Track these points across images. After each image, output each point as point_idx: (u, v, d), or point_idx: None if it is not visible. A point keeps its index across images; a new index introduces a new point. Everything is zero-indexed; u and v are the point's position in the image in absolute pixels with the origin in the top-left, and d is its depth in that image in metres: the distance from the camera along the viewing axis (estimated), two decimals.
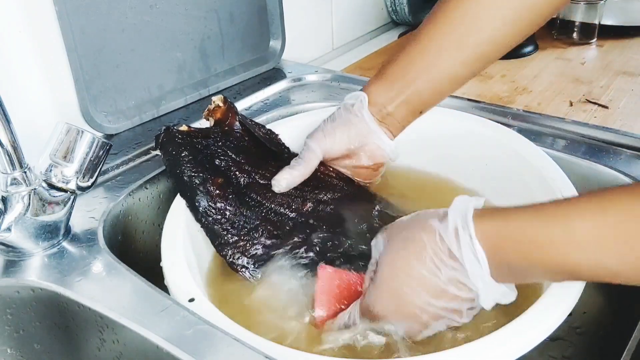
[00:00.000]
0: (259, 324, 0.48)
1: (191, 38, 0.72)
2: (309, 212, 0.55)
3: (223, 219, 0.52)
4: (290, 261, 0.52)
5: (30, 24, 0.57)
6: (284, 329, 0.48)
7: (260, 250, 0.52)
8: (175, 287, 0.44)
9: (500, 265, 0.38)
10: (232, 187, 0.54)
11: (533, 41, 0.96)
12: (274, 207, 0.54)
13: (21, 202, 0.47)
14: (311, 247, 0.52)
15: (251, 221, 0.53)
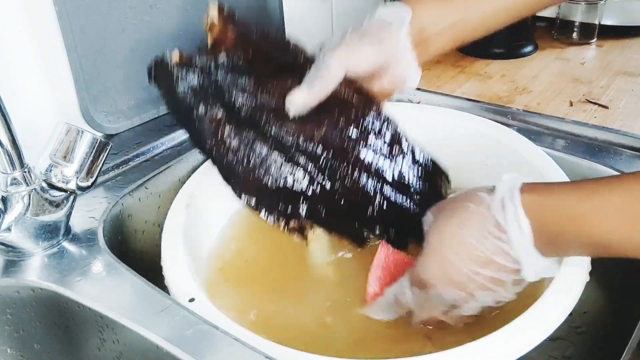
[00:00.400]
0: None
1: (191, 38, 0.72)
2: (326, 140, 0.48)
3: (230, 154, 0.47)
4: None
5: (30, 24, 0.57)
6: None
7: (272, 183, 0.47)
8: (175, 287, 0.44)
9: (542, 236, 0.39)
10: (236, 118, 0.47)
11: (533, 41, 0.96)
12: (286, 135, 0.47)
13: (21, 202, 0.47)
14: (326, 180, 0.47)
15: (260, 153, 0.47)
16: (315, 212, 0.48)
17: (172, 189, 0.61)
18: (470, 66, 0.90)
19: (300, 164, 0.47)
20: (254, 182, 0.46)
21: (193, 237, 0.52)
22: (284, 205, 0.47)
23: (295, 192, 0.47)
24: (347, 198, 0.47)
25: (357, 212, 0.48)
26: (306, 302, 0.54)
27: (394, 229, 0.50)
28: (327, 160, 0.47)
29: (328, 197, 0.47)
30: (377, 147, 0.49)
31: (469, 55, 0.94)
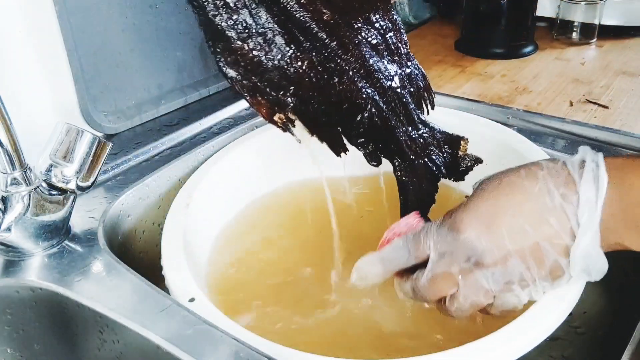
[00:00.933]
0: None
1: (191, 38, 0.72)
2: (335, 27, 0.44)
3: (225, 11, 0.41)
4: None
5: (30, 24, 0.57)
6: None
7: (265, 60, 0.42)
8: (175, 287, 0.44)
9: (619, 205, 0.35)
10: None
11: (533, 41, 0.96)
12: (293, 8, 0.42)
13: (21, 202, 0.46)
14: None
15: (260, 21, 0.42)
16: (302, 106, 0.44)
17: (172, 189, 0.61)
18: (471, 66, 0.90)
19: (300, 47, 0.43)
20: (245, 54, 0.41)
21: (193, 237, 0.52)
22: (271, 90, 0.43)
23: (287, 78, 0.43)
24: (339, 98, 0.45)
25: (345, 116, 0.46)
26: (306, 302, 0.54)
27: (374, 145, 0.48)
28: (330, 50, 0.43)
29: (321, 91, 0.44)
30: (386, 60, 0.47)
31: (470, 55, 0.94)
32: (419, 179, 0.50)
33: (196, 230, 0.53)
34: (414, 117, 0.50)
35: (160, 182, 0.61)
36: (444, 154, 0.51)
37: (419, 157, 0.49)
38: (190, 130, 0.68)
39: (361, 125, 0.46)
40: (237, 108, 0.73)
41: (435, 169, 0.50)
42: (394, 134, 0.48)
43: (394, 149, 0.48)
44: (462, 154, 0.51)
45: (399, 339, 0.50)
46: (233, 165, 0.62)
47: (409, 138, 0.49)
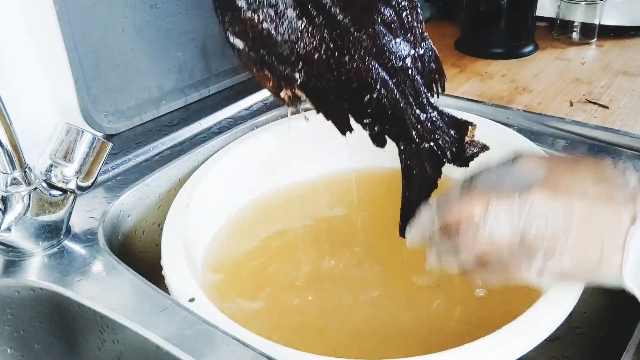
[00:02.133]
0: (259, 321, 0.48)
1: (192, 38, 0.72)
2: (350, 3, 0.44)
3: None
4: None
5: (30, 24, 0.57)
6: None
7: (275, 33, 0.41)
8: (175, 287, 0.44)
9: None
10: None
11: (533, 41, 0.96)
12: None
13: (21, 202, 0.46)
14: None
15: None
16: (310, 83, 0.44)
17: (172, 189, 0.61)
18: (471, 66, 0.90)
19: (312, 22, 0.42)
20: (255, 26, 0.40)
21: (193, 237, 0.52)
22: (279, 65, 0.42)
23: (296, 53, 0.42)
24: (349, 76, 0.44)
25: (353, 96, 0.45)
26: (307, 301, 0.54)
27: (380, 126, 0.47)
28: (343, 27, 0.43)
29: (330, 69, 0.43)
30: (399, 39, 0.46)
31: (469, 55, 0.94)
32: (423, 163, 0.49)
33: (196, 230, 0.53)
34: (424, 100, 0.49)
35: (160, 182, 0.61)
36: (451, 138, 0.50)
37: (425, 140, 0.48)
38: (190, 130, 0.68)
39: (369, 106, 0.45)
40: (237, 108, 0.73)
41: (440, 153, 0.49)
42: (402, 117, 0.47)
43: (400, 131, 0.47)
44: (469, 139, 0.50)
45: (398, 338, 0.50)
46: (233, 165, 0.62)
47: (416, 121, 0.48)
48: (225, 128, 0.69)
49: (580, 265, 0.36)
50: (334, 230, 0.62)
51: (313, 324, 0.51)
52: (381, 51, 0.45)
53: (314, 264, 0.58)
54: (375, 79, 0.45)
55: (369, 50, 0.45)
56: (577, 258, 0.35)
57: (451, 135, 0.50)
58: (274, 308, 0.53)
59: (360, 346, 0.49)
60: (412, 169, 0.49)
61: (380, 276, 0.56)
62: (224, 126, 0.70)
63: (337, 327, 0.51)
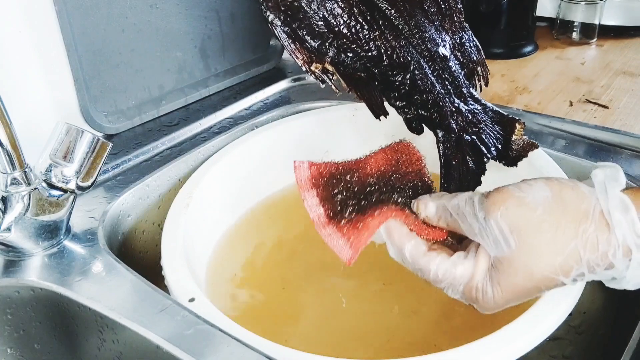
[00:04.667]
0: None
1: (191, 38, 0.72)
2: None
3: None
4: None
5: (30, 24, 0.57)
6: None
7: (311, 7, 0.41)
8: (175, 287, 0.44)
9: None
10: None
11: (533, 41, 0.96)
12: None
13: (21, 202, 0.46)
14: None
15: None
16: (343, 58, 0.44)
17: (172, 189, 0.61)
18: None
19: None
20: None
21: (193, 237, 0.52)
22: (310, 38, 0.42)
23: (329, 26, 0.42)
24: (382, 53, 0.44)
25: (386, 74, 0.44)
26: (308, 301, 0.54)
27: (415, 111, 0.46)
28: (375, 4, 0.43)
29: (361, 43, 0.43)
30: (437, 25, 0.45)
31: None
32: (464, 155, 0.47)
33: (196, 230, 0.53)
34: (463, 90, 0.47)
35: (160, 182, 0.61)
36: (495, 134, 0.48)
37: (466, 132, 0.47)
38: (190, 130, 0.68)
39: (402, 87, 0.45)
40: (237, 108, 0.73)
41: (484, 149, 0.48)
42: (438, 102, 0.46)
43: (437, 119, 0.46)
44: (517, 138, 0.48)
45: (398, 339, 0.50)
46: (233, 164, 0.62)
47: (456, 110, 0.47)
48: (225, 128, 0.69)
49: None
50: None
51: (313, 323, 0.51)
52: (415, 32, 0.45)
53: (316, 259, 0.58)
54: (407, 57, 0.44)
55: (402, 28, 0.44)
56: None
57: (496, 131, 0.48)
58: (273, 305, 0.53)
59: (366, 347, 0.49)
60: (452, 160, 0.47)
61: (386, 275, 0.55)
62: (224, 126, 0.70)
63: (341, 328, 0.51)
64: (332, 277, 0.56)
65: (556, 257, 0.35)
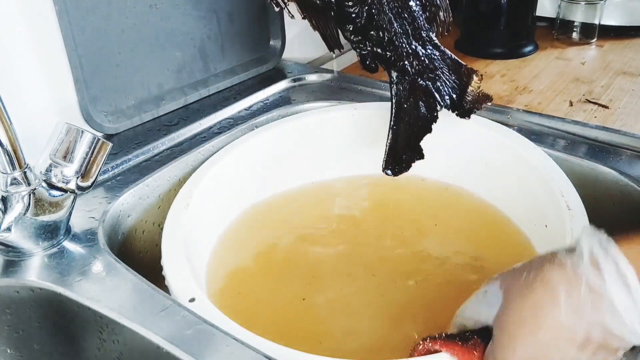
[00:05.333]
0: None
1: (191, 38, 0.72)
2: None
3: None
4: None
5: (30, 23, 0.57)
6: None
7: None
8: (175, 287, 0.44)
9: None
10: None
11: (533, 41, 0.96)
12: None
13: (21, 202, 0.46)
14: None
15: None
16: None
17: (172, 189, 0.61)
18: (471, 66, 0.89)
19: None
20: None
21: (193, 237, 0.52)
22: None
23: None
24: None
25: (342, 4, 0.44)
26: (307, 301, 0.54)
27: (371, 48, 0.45)
28: None
29: None
30: None
31: (470, 55, 0.94)
32: (416, 100, 0.46)
33: (196, 230, 0.53)
34: (422, 33, 0.47)
35: (160, 182, 0.61)
36: (451, 83, 0.48)
37: (421, 77, 0.46)
38: (190, 130, 0.68)
39: (358, 20, 0.44)
40: (237, 108, 0.73)
41: (438, 96, 0.47)
42: (394, 41, 0.45)
43: (392, 59, 0.45)
44: (472, 89, 0.48)
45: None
46: (233, 164, 0.62)
47: (412, 53, 0.46)
48: (225, 128, 0.69)
49: None
50: (341, 230, 0.62)
51: (312, 323, 0.51)
52: None
53: (319, 262, 0.57)
54: None
55: None
56: None
57: (452, 80, 0.48)
58: (274, 305, 0.53)
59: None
60: (403, 102, 0.46)
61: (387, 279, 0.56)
62: (224, 126, 0.70)
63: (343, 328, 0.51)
64: (332, 276, 0.56)
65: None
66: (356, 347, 0.49)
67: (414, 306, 0.52)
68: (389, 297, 0.53)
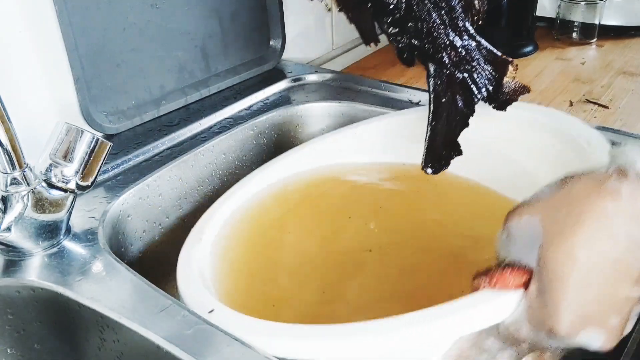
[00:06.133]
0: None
1: (192, 38, 0.72)
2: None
3: None
4: None
5: (30, 24, 0.57)
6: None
7: None
8: (191, 300, 0.43)
9: None
10: None
11: (533, 41, 0.96)
12: None
13: (21, 202, 0.46)
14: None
15: None
16: None
17: (172, 189, 0.61)
18: None
19: None
20: None
21: (207, 269, 0.50)
22: None
23: None
24: None
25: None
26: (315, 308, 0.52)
27: (408, 40, 0.44)
28: None
29: None
30: None
31: None
32: (453, 94, 0.45)
33: (210, 262, 0.51)
34: (459, 23, 0.45)
35: (160, 182, 0.61)
36: (487, 74, 0.46)
37: (458, 69, 0.45)
38: (190, 130, 0.68)
39: (396, 11, 0.43)
40: (237, 108, 0.73)
41: (475, 89, 0.46)
42: (432, 32, 0.43)
43: (430, 51, 0.44)
44: (509, 80, 0.46)
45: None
46: (247, 197, 0.59)
47: (450, 44, 0.44)
48: (225, 128, 0.69)
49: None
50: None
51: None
52: None
53: (330, 286, 0.53)
54: None
55: None
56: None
57: (488, 71, 0.46)
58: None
59: None
60: (441, 97, 0.45)
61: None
62: (224, 126, 0.70)
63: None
64: (341, 298, 0.54)
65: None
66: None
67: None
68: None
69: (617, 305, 0.30)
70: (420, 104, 0.74)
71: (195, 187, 0.65)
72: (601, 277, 0.30)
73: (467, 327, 0.35)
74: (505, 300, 0.34)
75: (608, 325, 0.30)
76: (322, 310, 0.50)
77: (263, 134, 0.72)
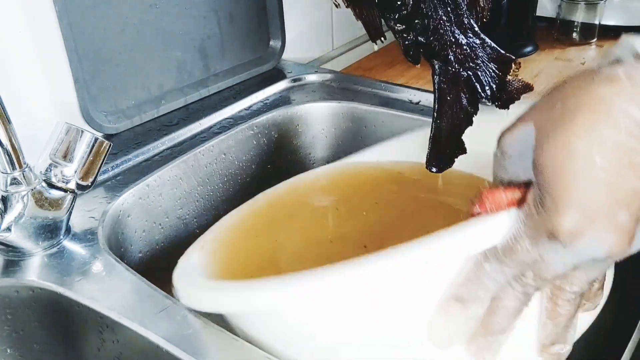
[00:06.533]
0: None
1: (191, 38, 0.72)
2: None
3: None
4: None
5: (30, 24, 0.57)
6: None
7: None
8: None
9: None
10: None
11: (533, 41, 0.96)
12: None
13: (21, 202, 0.47)
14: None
15: None
16: None
17: (172, 189, 0.61)
18: None
19: None
20: None
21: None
22: None
23: None
24: None
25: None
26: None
27: (414, 37, 0.44)
28: None
29: None
30: None
31: None
32: (458, 92, 0.45)
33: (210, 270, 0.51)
34: (464, 20, 0.45)
35: (160, 182, 0.61)
36: (491, 72, 0.46)
37: (463, 67, 0.45)
38: (190, 130, 0.68)
39: (404, 8, 0.43)
40: (237, 108, 0.73)
41: (479, 87, 0.45)
42: (439, 29, 0.43)
43: (436, 48, 0.44)
44: (512, 78, 0.46)
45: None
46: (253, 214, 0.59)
47: (455, 41, 0.44)
48: (225, 128, 0.69)
49: None
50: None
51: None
52: None
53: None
54: None
55: None
56: None
57: (492, 69, 0.46)
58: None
59: None
60: (447, 94, 0.45)
61: None
62: (224, 126, 0.70)
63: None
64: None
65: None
66: None
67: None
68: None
69: (625, 199, 0.27)
70: (420, 104, 0.74)
71: (195, 187, 0.65)
72: (604, 167, 0.27)
73: (463, 247, 0.31)
74: (502, 217, 0.31)
75: (616, 222, 0.27)
76: None
77: (263, 134, 0.72)
